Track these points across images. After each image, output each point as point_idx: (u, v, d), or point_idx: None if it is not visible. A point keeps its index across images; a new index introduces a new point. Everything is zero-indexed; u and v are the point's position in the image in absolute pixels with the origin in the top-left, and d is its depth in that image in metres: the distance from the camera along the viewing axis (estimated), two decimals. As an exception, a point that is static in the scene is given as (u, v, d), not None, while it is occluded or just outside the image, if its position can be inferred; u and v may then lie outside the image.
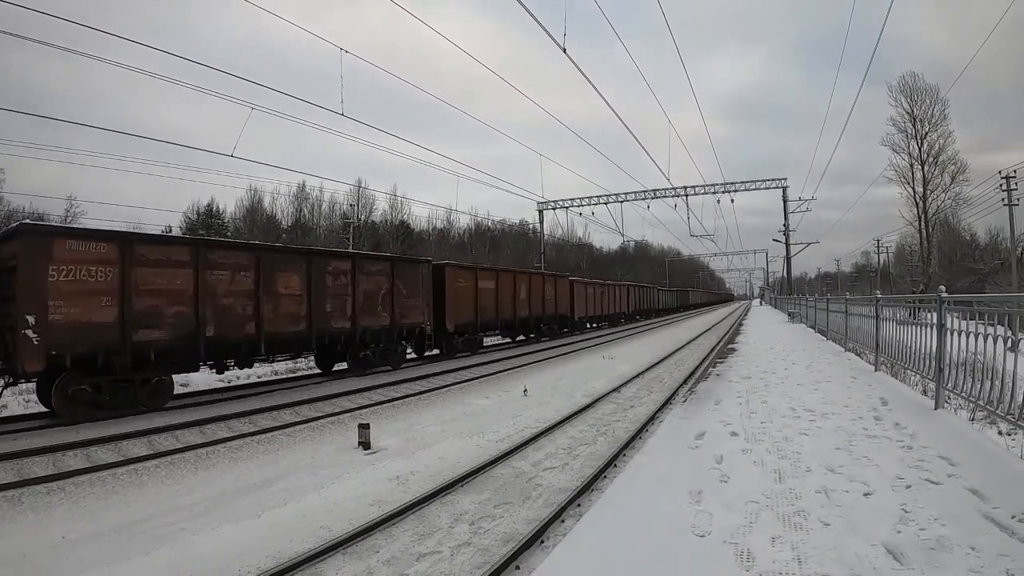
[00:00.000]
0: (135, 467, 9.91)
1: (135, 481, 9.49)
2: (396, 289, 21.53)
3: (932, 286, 9.74)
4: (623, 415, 13.81)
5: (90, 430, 11.70)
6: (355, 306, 19.53)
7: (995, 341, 6.64)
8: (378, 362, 20.95)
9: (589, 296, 45.53)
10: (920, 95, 51.78)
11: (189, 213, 68.66)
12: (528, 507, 8.02)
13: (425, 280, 23.45)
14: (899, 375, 11.87)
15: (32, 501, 8.51)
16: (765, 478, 5.92)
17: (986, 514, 4.62)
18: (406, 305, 22.09)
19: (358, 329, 19.67)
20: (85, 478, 9.31)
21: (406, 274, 22.34)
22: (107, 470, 9.66)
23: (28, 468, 9.59)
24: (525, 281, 33.39)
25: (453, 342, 26.40)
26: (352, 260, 19.99)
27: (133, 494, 9.01)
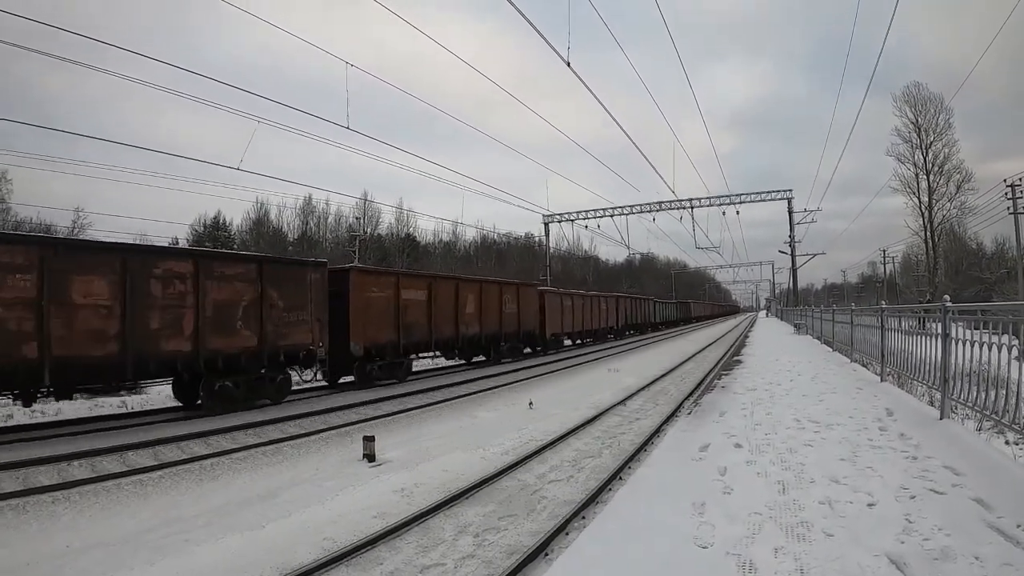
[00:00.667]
0: (140, 478, 9.94)
1: (140, 492, 9.52)
2: (268, 300, 16.55)
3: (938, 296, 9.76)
4: (629, 427, 13.79)
5: (93, 440, 11.71)
6: (199, 322, 14.70)
7: (1000, 350, 6.63)
8: (240, 397, 15.85)
9: (566, 309, 39.90)
10: (924, 104, 52.08)
11: (196, 225, 68.87)
12: (533, 519, 8.01)
13: (317, 289, 18.21)
14: (905, 386, 11.83)
15: (37, 510, 8.54)
16: (768, 489, 5.90)
17: (991, 523, 4.60)
18: (284, 321, 17.03)
19: (202, 353, 14.73)
20: (90, 488, 9.34)
21: (284, 280, 17.22)
22: (112, 480, 9.71)
23: (33, 477, 9.62)
24: (473, 291, 27.41)
25: (366, 368, 20.75)
26: (194, 260, 14.97)
27: (137, 504, 9.05)
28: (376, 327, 20.94)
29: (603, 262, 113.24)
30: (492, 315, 28.84)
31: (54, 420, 14.31)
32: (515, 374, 24.67)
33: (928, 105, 51.97)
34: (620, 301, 54.54)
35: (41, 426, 13.64)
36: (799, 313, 41.89)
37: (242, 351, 15.88)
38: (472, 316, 27.11)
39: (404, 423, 14.74)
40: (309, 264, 18.60)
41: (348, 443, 12.46)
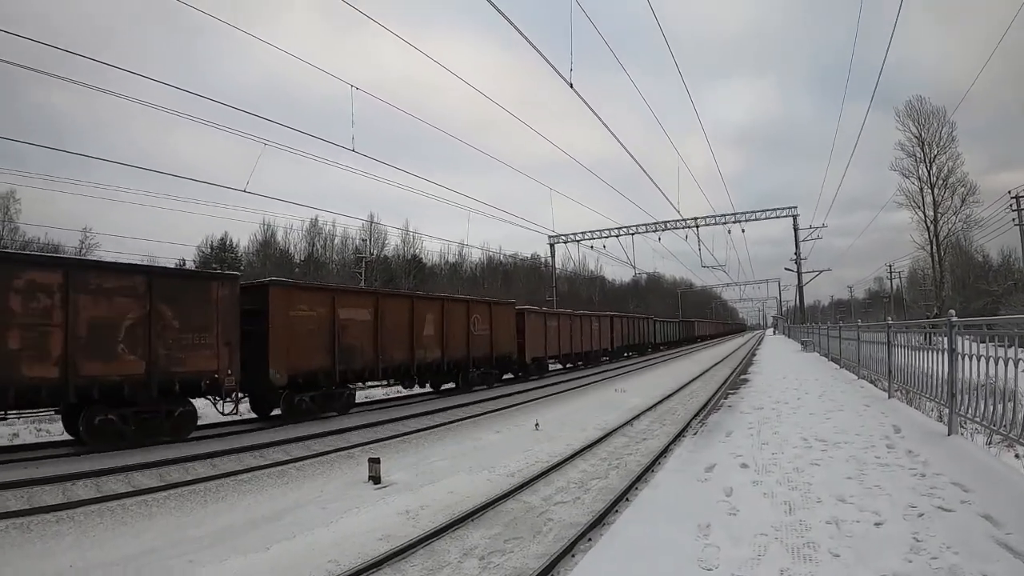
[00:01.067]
0: (145, 498, 9.92)
1: (145, 512, 9.49)
2: (160, 319, 13.99)
3: (945, 310, 9.73)
4: (635, 448, 13.74)
5: (101, 460, 11.69)
6: (69, 344, 12.49)
7: (1007, 364, 6.58)
8: (128, 433, 13.46)
9: (551, 330, 35.47)
10: (927, 118, 52.26)
11: (203, 247, 69.13)
12: (539, 542, 7.98)
13: (225, 307, 15.45)
14: (913, 402, 11.76)
15: (41, 529, 8.53)
16: (775, 510, 5.85)
17: (1000, 540, 4.54)
18: (181, 344, 14.39)
19: (73, 380, 12.48)
20: (95, 508, 9.34)
21: (182, 296, 14.59)
22: (116, 500, 9.68)
23: (38, 496, 9.60)
24: (433, 310, 23.84)
25: (295, 399, 17.56)
26: (64, 271, 12.68)
27: (142, 525, 9.02)
28: (304, 352, 17.71)
29: (609, 282, 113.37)
30: (457, 337, 25.31)
31: (59, 440, 14.24)
32: (484, 404, 21.50)
33: (931, 119, 52.18)
34: (615, 321, 50.04)
35: (44, 445, 13.59)
36: (806, 330, 41.77)
37: (124, 379, 13.37)
38: (432, 339, 23.56)
39: (411, 445, 14.67)
40: (215, 277, 16.32)
41: (354, 465, 12.41)
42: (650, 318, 65.72)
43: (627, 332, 52.98)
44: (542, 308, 38.34)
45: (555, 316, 37.30)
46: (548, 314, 36.49)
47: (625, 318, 54.71)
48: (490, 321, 27.74)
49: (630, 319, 56.48)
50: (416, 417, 18.24)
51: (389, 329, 21.03)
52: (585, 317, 42.75)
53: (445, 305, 24.63)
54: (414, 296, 24.36)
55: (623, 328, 51.66)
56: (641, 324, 59.33)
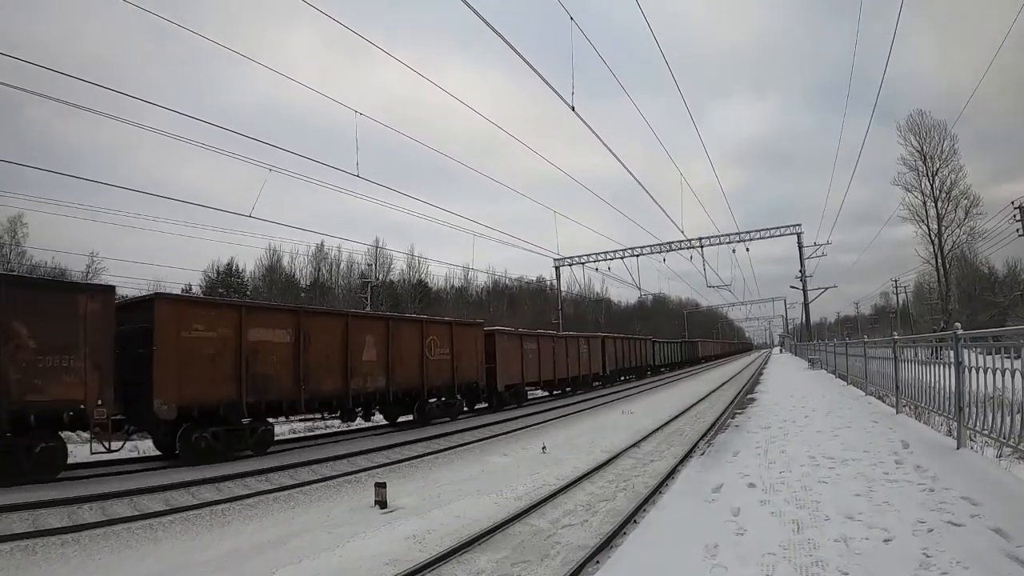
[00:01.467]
0: (150, 522, 9.94)
1: (150, 536, 9.50)
2: (11, 338, 11.88)
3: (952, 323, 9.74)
4: (643, 469, 13.68)
5: (104, 484, 11.71)
6: None
7: (1014, 375, 6.55)
8: None
9: (529, 354, 31.81)
10: (929, 132, 52.42)
11: (209, 272, 69.19)
12: (546, 565, 7.91)
13: (97, 325, 13.05)
14: (922, 417, 11.72)
15: (46, 552, 8.55)
16: (783, 529, 5.81)
17: (1010, 554, 4.51)
18: (36, 368, 12.15)
19: None
20: (100, 531, 9.36)
21: (40, 312, 12.35)
22: (122, 524, 9.70)
23: (43, 519, 9.62)
24: (375, 331, 20.52)
25: (192, 437, 14.86)
26: None
27: (147, 549, 9.03)
28: (201, 380, 14.94)
29: (615, 304, 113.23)
30: (408, 363, 21.85)
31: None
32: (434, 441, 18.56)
33: (932, 132, 52.27)
34: (608, 342, 46.78)
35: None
36: (812, 348, 41.69)
37: None
38: (373, 364, 20.23)
39: (418, 469, 14.63)
40: (83, 290, 14.25)
41: (360, 490, 12.38)
42: (648, 339, 62.74)
43: (623, 354, 50.54)
44: (517, 329, 34.87)
45: (533, 338, 33.72)
46: (525, 336, 32.99)
47: (620, 339, 51.95)
48: (451, 344, 24.38)
49: (626, 340, 53.61)
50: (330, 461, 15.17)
51: (316, 353, 17.80)
52: (572, 339, 39.51)
53: (391, 325, 21.43)
54: (349, 315, 20.50)
55: (618, 350, 49.09)
56: (639, 346, 56.86)
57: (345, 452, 15.97)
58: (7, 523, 9.28)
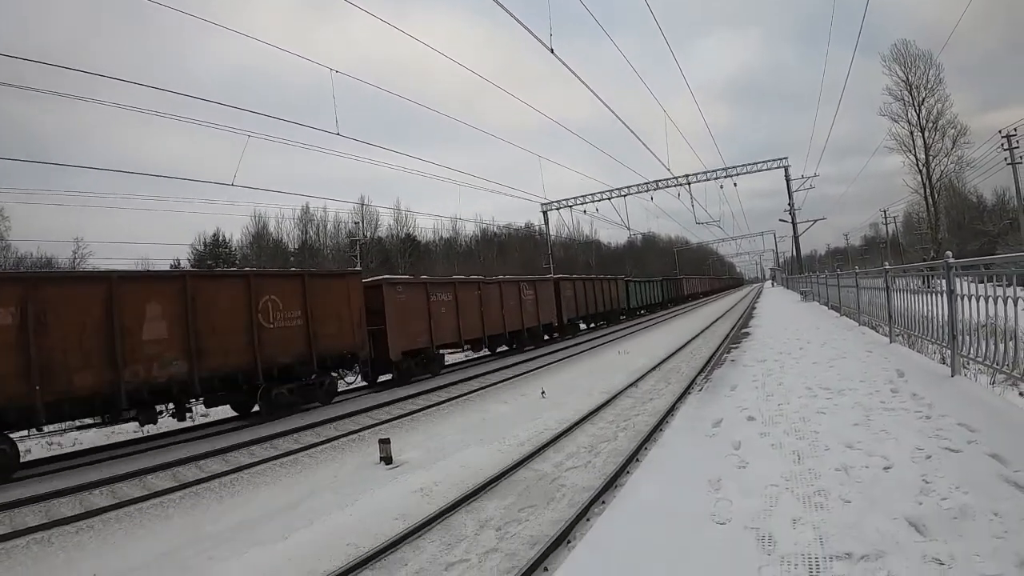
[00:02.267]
0: (160, 500, 9.98)
1: (161, 514, 9.55)
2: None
3: (942, 252, 9.71)
4: (642, 408, 13.82)
5: (113, 467, 11.76)
6: None
7: (1006, 303, 6.61)
8: None
9: (440, 307, 24.23)
10: (913, 62, 51.99)
11: (196, 244, 68.83)
12: (553, 508, 8.03)
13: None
14: (915, 345, 11.80)
15: (62, 541, 8.56)
16: (783, 460, 5.91)
17: (1008, 478, 4.58)
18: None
19: None
20: (112, 514, 9.37)
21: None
22: (133, 505, 9.73)
23: (56, 509, 9.63)
24: (160, 297, 14.18)
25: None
26: None
27: (160, 527, 9.07)
28: None
29: (605, 246, 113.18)
30: (228, 337, 15.41)
31: (71, 451, 14.25)
32: None
33: (917, 62, 51.87)
34: (565, 285, 38.26)
35: (59, 458, 13.57)
36: (804, 281, 41.82)
37: None
38: (164, 345, 14.12)
39: (420, 423, 14.75)
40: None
41: (364, 448, 12.50)
42: (619, 279, 53.75)
43: (585, 299, 41.81)
44: (418, 278, 26.09)
45: (448, 287, 25.47)
46: (434, 285, 24.77)
47: (581, 281, 42.91)
48: (303, 305, 17.41)
49: (588, 282, 44.42)
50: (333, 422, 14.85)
51: (57, 335, 12.31)
52: (509, 284, 30.53)
53: (189, 285, 14.87)
54: (112, 277, 13.58)
55: (578, 294, 40.68)
56: (606, 288, 47.59)
57: (347, 412, 16.06)
58: (20, 517, 9.33)
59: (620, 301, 50.62)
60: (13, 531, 8.69)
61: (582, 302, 41.19)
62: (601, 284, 46.74)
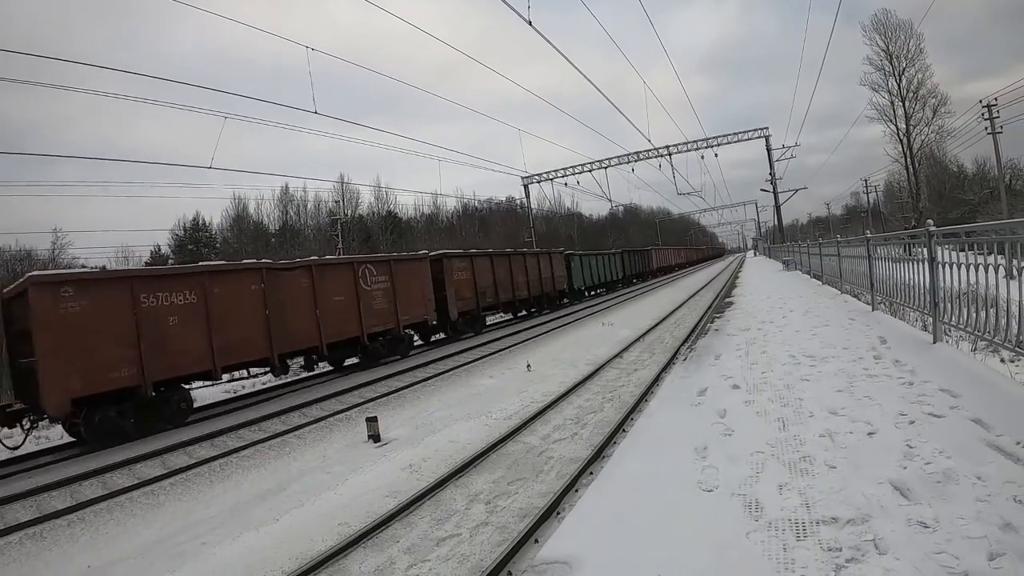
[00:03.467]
0: (151, 488, 9.98)
1: (152, 502, 9.56)
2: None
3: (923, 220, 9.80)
4: (627, 379, 13.90)
5: (104, 456, 11.73)
6: None
7: (987, 270, 6.67)
8: None
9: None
10: (894, 31, 52.32)
11: (176, 229, 68.14)
12: (541, 481, 8.10)
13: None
14: (897, 313, 11.89)
15: (54, 535, 8.56)
16: (769, 428, 5.97)
17: (990, 443, 4.66)
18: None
19: None
20: (103, 505, 9.38)
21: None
22: (124, 495, 9.73)
23: (47, 503, 9.63)
24: None
25: None
26: None
27: (152, 515, 9.08)
28: None
29: (587, 218, 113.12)
30: None
31: (58, 444, 14.15)
32: None
33: (898, 32, 52.22)
34: (456, 265, 26.73)
35: (47, 452, 13.48)
36: (786, 250, 41.98)
37: None
38: None
39: (407, 400, 14.77)
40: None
41: (352, 426, 12.53)
42: (557, 252, 41.08)
43: (502, 283, 30.59)
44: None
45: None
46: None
47: (500, 257, 31.17)
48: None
49: (514, 258, 32.82)
50: (319, 402, 15.05)
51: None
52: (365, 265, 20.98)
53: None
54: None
55: (494, 274, 29.74)
56: (540, 264, 36.32)
57: (333, 391, 15.98)
58: (12, 513, 9.30)
59: (561, 282, 39.60)
60: (5, 527, 8.67)
61: (507, 284, 30.97)
62: (536, 259, 35.87)
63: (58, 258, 49.24)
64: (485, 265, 29.08)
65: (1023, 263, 5.63)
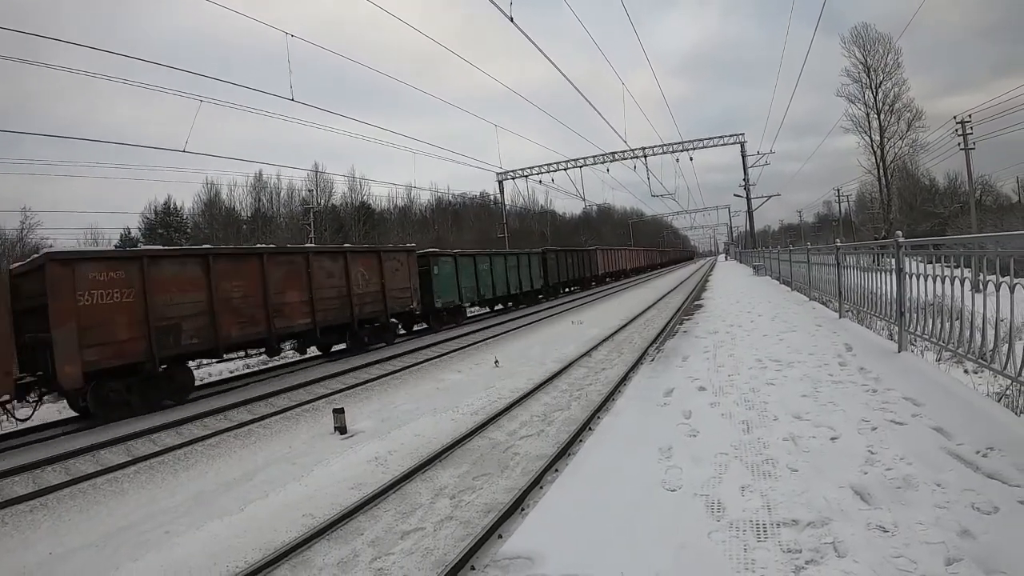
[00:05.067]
0: (114, 475, 9.84)
1: (116, 489, 9.42)
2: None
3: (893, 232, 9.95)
4: (595, 378, 13.95)
5: (68, 442, 11.58)
6: None
7: (953, 283, 6.76)
8: None
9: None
10: (873, 45, 53.13)
11: (147, 213, 67.26)
12: (507, 476, 8.13)
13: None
14: (864, 321, 12.03)
15: (16, 521, 8.42)
16: (733, 430, 6.02)
17: (951, 451, 4.73)
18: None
19: None
20: (66, 491, 9.22)
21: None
22: (87, 481, 9.58)
23: (8, 488, 9.46)
24: None
25: None
26: None
27: (115, 503, 8.96)
28: None
29: (560, 215, 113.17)
30: None
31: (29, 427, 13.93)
32: None
33: (877, 45, 53.04)
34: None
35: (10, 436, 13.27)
36: (757, 255, 42.28)
37: None
38: None
39: (375, 392, 14.72)
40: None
41: (319, 418, 12.47)
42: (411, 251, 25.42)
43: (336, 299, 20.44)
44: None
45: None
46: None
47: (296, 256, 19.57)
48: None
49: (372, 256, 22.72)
50: (286, 392, 14.86)
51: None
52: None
53: None
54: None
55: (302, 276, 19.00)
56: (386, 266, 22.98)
57: (300, 382, 15.89)
58: None
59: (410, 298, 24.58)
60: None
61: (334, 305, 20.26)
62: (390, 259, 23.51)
63: (26, 238, 48.58)
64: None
65: (989, 277, 5.70)
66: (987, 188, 65.50)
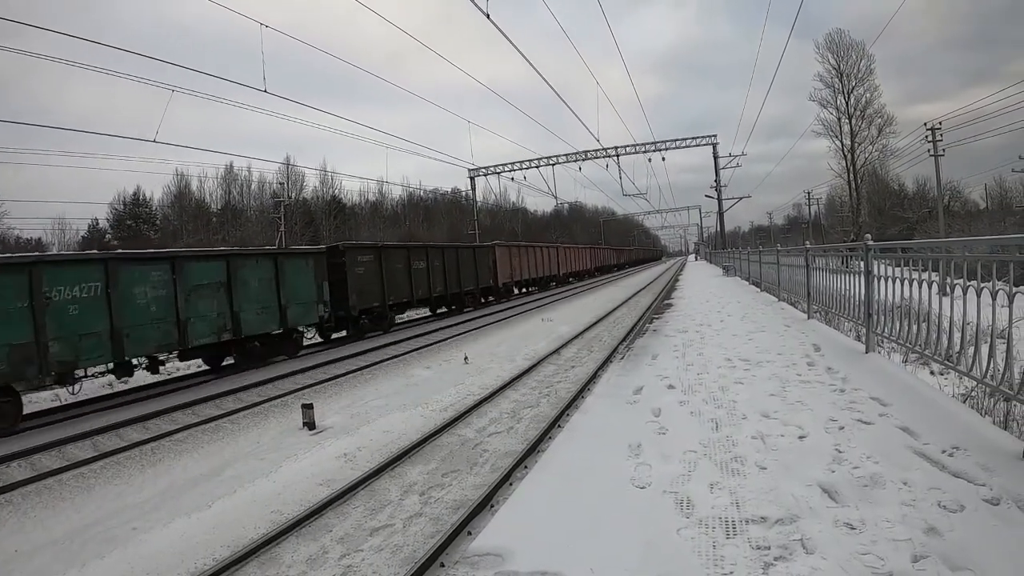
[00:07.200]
0: (80, 471, 9.68)
1: (82, 485, 9.28)
2: None
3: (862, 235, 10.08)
4: (565, 375, 13.98)
5: (30, 438, 11.34)
6: None
7: (920, 286, 6.84)
8: None
9: None
10: (846, 51, 53.88)
11: (115, 203, 66.40)
12: (476, 473, 8.15)
13: None
14: (832, 322, 12.15)
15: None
16: (702, 428, 6.04)
17: (917, 450, 4.78)
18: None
19: None
20: (32, 487, 9.05)
21: None
22: (53, 477, 9.39)
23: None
24: None
25: None
26: None
27: (82, 498, 8.84)
28: None
29: (531, 213, 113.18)
30: None
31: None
32: None
33: (850, 51, 53.80)
34: None
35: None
36: (727, 256, 42.55)
37: None
38: None
39: (344, 388, 14.66)
40: None
41: (288, 413, 12.38)
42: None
43: None
44: None
45: None
46: None
47: None
48: None
49: None
50: (255, 387, 14.62)
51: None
52: None
53: None
54: None
55: None
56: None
57: (268, 377, 15.74)
58: None
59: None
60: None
61: None
62: None
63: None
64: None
65: (956, 281, 5.77)
66: (955, 194, 66.51)
